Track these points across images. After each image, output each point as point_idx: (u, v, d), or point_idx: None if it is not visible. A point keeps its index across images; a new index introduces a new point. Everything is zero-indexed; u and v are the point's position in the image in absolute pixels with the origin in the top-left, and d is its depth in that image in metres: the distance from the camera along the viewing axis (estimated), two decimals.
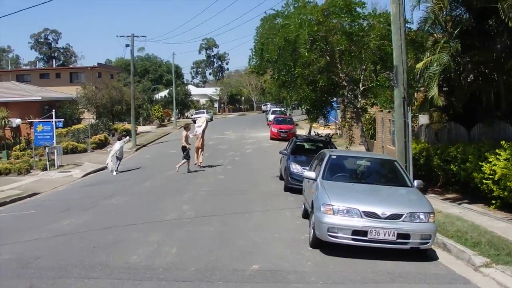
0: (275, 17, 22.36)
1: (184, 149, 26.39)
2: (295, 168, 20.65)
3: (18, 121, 42.62)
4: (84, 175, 29.95)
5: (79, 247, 11.49)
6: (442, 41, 20.08)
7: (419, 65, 19.92)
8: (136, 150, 42.49)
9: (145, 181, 24.19)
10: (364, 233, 10.68)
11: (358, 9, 20.97)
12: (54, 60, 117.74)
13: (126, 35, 45.34)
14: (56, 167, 32.68)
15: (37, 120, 38.04)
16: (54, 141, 34.80)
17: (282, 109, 64.36)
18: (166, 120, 72.98)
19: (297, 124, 50.26)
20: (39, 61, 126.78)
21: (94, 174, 30.72)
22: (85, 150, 41.12)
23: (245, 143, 41.81)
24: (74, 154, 38.75)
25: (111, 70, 76.45)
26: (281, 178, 23.91)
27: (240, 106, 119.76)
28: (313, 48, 20.33)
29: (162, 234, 12.79)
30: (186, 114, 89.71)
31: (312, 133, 46.06)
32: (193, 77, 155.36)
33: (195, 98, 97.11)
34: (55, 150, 33.27)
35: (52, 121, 34.95)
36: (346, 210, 10.95)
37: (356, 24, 21.06)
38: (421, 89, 22.06)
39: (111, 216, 15.73)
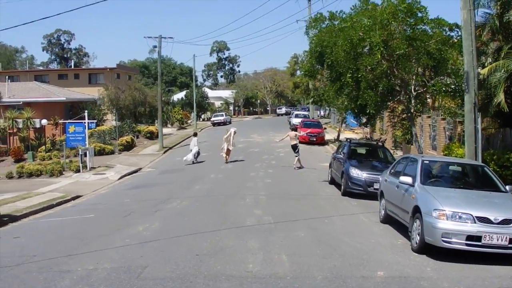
0: (331, 19, 21.81)
1: (295, 147, 29.02)
2: (355, 172, 20.27)
3: (44, 121, 41.98)
4: (120, 178, 29.49)
5: (180, 254, 10.87)
6: (507, 47, 19.51)
7: (484, 71, 19.39)
8: (164, 153, 41.91)
9: (192, 184, 23.56)
10: (478, 238, 10.68)
11: (419, 13, 20.37)
12: (67, 61, 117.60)
13: (154, 36, 44.80)
14: (88, 169, 32.21)
15: (68, 120, 37.46)
16: (87, 142, 34.28)
17: (306, 113, 63.55)
18: (184, 123, 72.37)
19: (325, 128, 49.57)
20: (52, 62, 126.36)
21: (129, 176, 30.32)
22: (112, 152, 40.59)
23: (275, 147, 41.03)
24: (102, 156, 38.18)
25: (129, 72, 75.79)
26: (331, 182, 23.57)
27: (254, 109, 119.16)
28: (374, 52, 19.79)
29: (258, 240, 12.26)
30: (202, 117, 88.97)
31: (343, 137, 45.49)
32: (204, 80, 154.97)
33: (210, 101, 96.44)
34: (87, 152, 32.71)
35: (85, 122, 34.43)
36: (459, 215, 10.88)
37: (417, 28, 20.47)
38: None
39: (184, 221, 15.11)
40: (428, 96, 23.53)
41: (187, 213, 16.43)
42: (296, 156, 28.89)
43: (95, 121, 38.86)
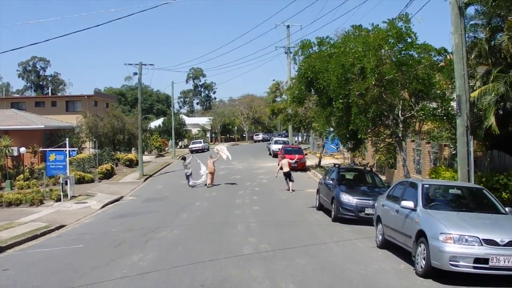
0: (320, 45, 21.90)
1: (289, 174, 31.28)
2: (346, 198, 20.24)
3: (22, 149, 41.02)
4: (103, 206, 28.92)
5: (185, 286, 10.57)
6: (496, 71, 19.70)
7: (473, 94, 19.51)
8: (145, 180, 41.33)
9: (179, 213, 23.17)
10: (485, 260, 10.73)
11: (408, 39, 20.52)
12: (43, 88, 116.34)
13: (134, 63, 44.31)
14: (69, 197, 31.50)
15: (49, 149, 36.79)
16: (68, 170, 33.69)
17: (285, 139, 63.43)
18: (163, 150, 71.80)
19: (306, 154, 49.50)
20: (27, 89, 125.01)
21: (112, 205, 29.74)
22: (92, 180, 39.79)
23: (257, 173, 41.02)
24: (82, 184, 37.34)
25: (106, 99, 75.19)
26: (319, 208, 23.53)
27: (231, 136, 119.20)
28: (366, 77, 19.90)
29: (260, 269, 12.06)
30: (179, 144, 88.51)
31: (324, 163, 45.49)
32: (180, 107, 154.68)
33: (187, 128, 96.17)
34: (68, 180, 32.08)
35: (66, 150, 33.86)
36: (466, 238, 10.92)
37: (406, 53, 20.58)
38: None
39: (179, 250, 14.75)
40: (415, 121, 23.62)
41: (180, 243, 16.04)
42: (292, 182, 31.07)
43: (76, 149, 38.23)
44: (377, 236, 15.41)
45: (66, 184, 31.84)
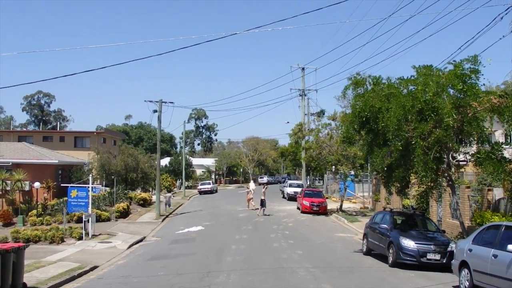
0: (375, 84, 21.23)
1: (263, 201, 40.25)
2: (406, 243, 19.59)
3: (37, 184, 39.64)
4: (129, 247, 27.74)
5: None
6: None
7: None
8: (162, 221, 40.03)
9: (220, 256, 22.02)
10: None
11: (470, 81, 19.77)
12: (46, 123, 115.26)
13: (155, 100, 43.51)
14: (89, 236, 30.22)
15: (71, 185, 35.61)
16: (90, 208, 32.42)
17: (300, 182, 62.15)
18: (171, 190, 70.51)
19: (327, 197, 48.41)
20: (30, 124, 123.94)
21: (137, 245, 28.52)
22: (108, 219, 38.37)
23: (280, 217, 39.76)
24: (99, 223, 35.88)
25: (114, 136, 74.19)
26: (366, 253, 22.96)
27: (235, 178, 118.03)
28: (423, 118, 19.11)
29: None
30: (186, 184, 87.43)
31: (345, 207, 44.44)
32: (181, 147, 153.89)
33: (193, 168, 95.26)
34: (90, 218, 30.81)
35: (88, 187, 32.66)
36: None
37: (465, 95, 19.71)
38: None
39: None
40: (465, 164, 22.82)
41: None
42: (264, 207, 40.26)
43: (100, 186, 37.01)
44: (461, 282, 15.03)
45: (88, 222, 30.59)
